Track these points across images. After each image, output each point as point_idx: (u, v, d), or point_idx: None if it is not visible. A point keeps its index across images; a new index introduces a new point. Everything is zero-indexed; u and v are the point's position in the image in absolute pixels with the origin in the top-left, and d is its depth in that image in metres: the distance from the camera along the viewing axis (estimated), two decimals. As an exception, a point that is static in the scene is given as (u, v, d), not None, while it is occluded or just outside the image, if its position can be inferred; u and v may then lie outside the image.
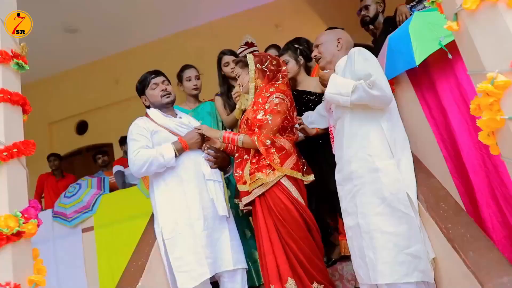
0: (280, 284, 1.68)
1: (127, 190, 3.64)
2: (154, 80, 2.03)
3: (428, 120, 1.84)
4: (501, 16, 0.96)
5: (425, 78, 1.84)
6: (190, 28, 6.06)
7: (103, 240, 3.46)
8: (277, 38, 6.18)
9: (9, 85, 1.31)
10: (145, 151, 1.87)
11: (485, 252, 1.10)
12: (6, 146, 1.21)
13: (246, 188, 1.81)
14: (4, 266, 1.12)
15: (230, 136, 1.85)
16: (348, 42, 1.78)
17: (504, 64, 0.96)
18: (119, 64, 6.05)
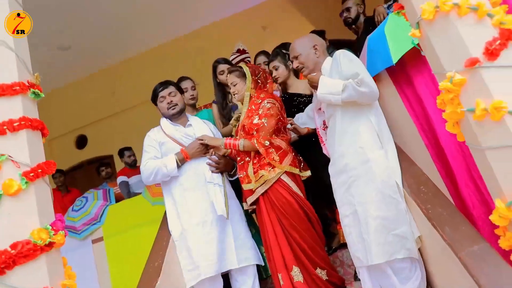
0: (286, 272, 1.86)
1: (132, 199, 3.75)
2: (161, 93, 2.20)
3: (408, 112, 2.00)
4: (453, 24, 1.13)
5: (403, 74, 2.00)
6: (181, 35, 6.18)
7: (114, 249, 3.57)
8: (265, 40, 6.35)
9: (29, 112, 1.46)
10: (152, 162, 2.08)
11: (459, 227, 1.27)
12: (31, 167, 1.36)
13: (251, 186, 1.96)
14: (40, 274, 1.27)
15: (231, 142, 2.01)
16: (322, 45, 1.93)
17: (459, 65, 1.12)
18: (114, 76, 6.15)
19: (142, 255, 3.27)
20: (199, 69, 6.09)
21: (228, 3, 5.91)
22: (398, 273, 1.59)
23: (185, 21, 5.88)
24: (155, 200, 3.68)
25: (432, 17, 1.16)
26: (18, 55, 1.53)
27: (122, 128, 6.17)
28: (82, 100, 6.15)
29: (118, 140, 5.88)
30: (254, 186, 1.95)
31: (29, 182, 1.33)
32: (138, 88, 6.23)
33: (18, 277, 1.23)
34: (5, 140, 1.36)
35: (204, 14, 5.90)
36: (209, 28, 6.18)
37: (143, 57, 6.18)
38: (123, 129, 6.16)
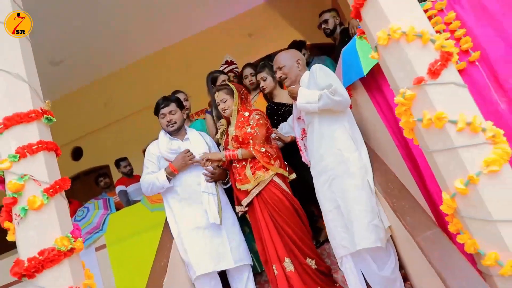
0: (279, 263, 2.09)
1: (132, 207, 3.91)
2: (162, 110, 2.39)
3: (380, 117, 2.23)
4: (403, 49, 1.36)
5: (374, 83, 2.23)
6: (170, 45, 6.34)
7: (117, 256, 3.73)
8: (251, 46, 6.57)
9: (44, 136, 1.66)
10: (148, 177, 2.30)
11: (417, 216, 1.50)
12: (50, 184, 1.56)
13: (249, 186, 2.19)
14: (64, 276, 1.47)
15: (231, 153, 2.25)
16: (303, 60, 2.17)
17: (409, 83, 1.36)
18: (106, 88, 6.29)
19: (144, 259, 3.47)
20: (189, 77, 6.31)
21: (215, 12, 6.10)
22: (376, 259, 1.82)
23: (173, 31, 6.06)
24: (153, 206, 3.86)
25: (386, 43, 1.39)
26: (30, 85, 1.72)
27: (116, 138, 6.33)
28: (75, 113, 6.28)
29: (113, 150, 6.05)
30: (252, 185, 2.18)
31: (50, 197, 1.53)
32: (130, 98, 6.42)
33: (46, 279, 1.43)
34: (26, 162, 1.56)
35: (192, 23, 6.08)
36: (197, 37, 6.36)
37: (134, 67, 6.32)
38: (118, 139, 6.32)
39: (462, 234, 1.34)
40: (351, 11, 1.54)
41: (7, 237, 1.55)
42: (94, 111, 6.41)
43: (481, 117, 1.32)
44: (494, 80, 1.92)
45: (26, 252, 1.46)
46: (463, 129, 1.27)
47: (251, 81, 3.04)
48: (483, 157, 1.25)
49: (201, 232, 2.21)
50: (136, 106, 6.46)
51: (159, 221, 3.59)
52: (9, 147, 1.57)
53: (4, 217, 1.52)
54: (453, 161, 1.29)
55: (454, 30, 1.96)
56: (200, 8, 5.72)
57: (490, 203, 1.23)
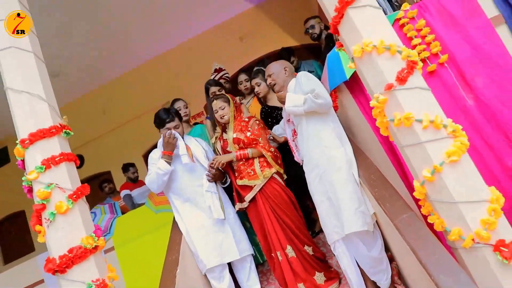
0: (282, 250, 2.35)
1: (137, 210, 4.07)
2: (168, 125, 2.55)
3: (364, 115, 2.47)
4: (374, 60, 1.59)
5: (356, 85, 2.46)
6: (164, 52, 6.53)
7: (125, 257, 3.91)
8: (243, 49, 6.77)
9: (64, 148, 1.87)
10: (151, 174, 2.46)
11: (395, 203, 1.72)
12: (73, 191, 1.77)
13: (258, 181, 2.44)
14: (91, 270, 1.68)
15: (241, 153, 2.48)
16: (291, 68, 2.40)
17: (381, 88, 1.58)
18: (104, 96, 6.46)
19: (152, 258, 3.68)
20: (183, 82, 6.51)
21: (206, 18, 6.28)
22: (365, 242, 2.04)
23: (167, 38, 6.24)
24: (158, 208, 4.06)
25: (360, 55, 1.62)
26: (49, 104, 1.93)
27: (115, 145, 6.51)
28: (75, 122, 6.42)
29: (114, 156, 6.24)
30: (261, 181, 2.43)
31: (74, 202, 1.74)
32: (128, 105, 6.60)
33: (76, 274, 1.65)
34: (51, 172, 1.77)
35: (185, 30, 6.26)
36: (190, 43, 6.54)
37: (130, 75, 6.50)
38: (117, 145, 6.50)
39: (432, 215, 1.57)
40: (330, 27, 1.77)
41: (38, 239, 1.76)
42: (94, 119, 6.57)
43: (443, 116, 1.54)
44: (462, 79, 2.15)
45: (56, 250, 1.67)
46: (428, 126, 1.50)
47: (245, 86, 3.25)
48: (445, 149, 1.48)
49: (207, 229, 2.43)
50: (134, 113, 6.65)
51: (163, 222, 3.80)
52: (35, 160, 1.78)
53: (35, 221, 1.73)
54: (421, 154, 1.52)
55: (424, 35, 2.20)
56: (192, 15, 5.90)
57: (453, 187, 1.46)
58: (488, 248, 1.41)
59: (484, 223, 1.42)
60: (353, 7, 1.63)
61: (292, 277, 2.30)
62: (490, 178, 2.07)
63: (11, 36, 1.93)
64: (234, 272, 2.53)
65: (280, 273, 2.37)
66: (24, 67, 1.92)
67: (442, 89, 2.18)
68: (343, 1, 1.62)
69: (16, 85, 1.87)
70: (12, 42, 1.92)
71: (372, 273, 2.07)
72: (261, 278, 2.65)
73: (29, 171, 1.76)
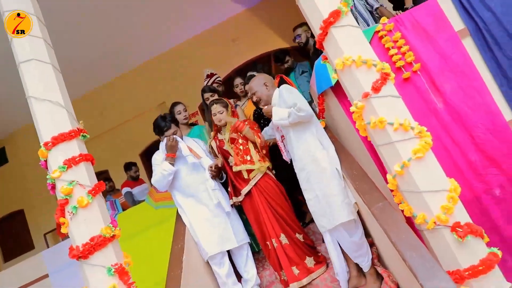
0: (277, 238, 2.63)
1: (138, 207, 4.26)
2: (167, 132, 2.78)
3: (348, 116, 2.73)
4: (353, 72, 1.86)
5: (341, 90, 2.67)
6: (159, 54, 6.71)
7: (128, 252, 4.16)
8: (235, 51, 7.01)
9: (82, 150, 2.10)
10: (157, 175, 2.71)
11: (373, 193, 2.00)
12: (92, 187, 2.01)
13: (254, 167, 2.71)
14: (110, 256, 1.93)
15: (241, 124, 2.75)
16: (271, 81, 2.66)
17: (359, 96, 1.86)
18: (101, 97, 6.64)
19: (154, 251, 3.92)
20: (178, 84, 6.73)
21: (199, 21, 6.49)
22: (348, 230, 2.33)
23: (161, 41, 6.43)
24: (157, 204, 4.28)
25: (342, 67, 1.89)
26: (67, 110, 2.16)
27: (112, 145, 6.70)
28: (73, 123, 6.62)
29: (111, 156, 6.44)
30: (257, 167, 2.71)
31: (93, 197, 1.99)
32: (124, 106, 6.80)
33: (97, 259, 1.89)
34: (72, 171, 2.00)
35: (179, 32, 6.46)
36: (184, 45, 6.75)
37: (126, 77, 6.68)
38: (114, 146, 6.70)
39: (403, 203, 1.86)
40: (316, 42, 2.04)
41: (61, 230, 1.99)
42: (91, 120, 6.72)
43: (411, 119, 1.82)
44: (432, 86, 2.45)
45: (79, 239, 1.91)
46: (398, 128, 1.78)
47: (241, 89, 3.52)
48: (412, 147, 1.76)
49: (208, 221, 2.69)
50: (131, 113, 6.85)
51: (163, 217, 4.04)
52: (57, 160, 2.01)
53: (59, 214, 1.97)
54: (392, 151, 1.80)
55: (400, 46, 2.48)
56: (185, 18, 6.11)
57: (418, 179, 1.74)
58: (446, 229, 1.70)
59: (444, 209, 1.70)
60: (336, 26, 1.90)
61: (287, 261, 2.59)
62: (456, 170, 2.37)
63: (32, 50, 2.15)
64: (233, 259, 2.80)
65: (275, 259, 2.65)
66: (44, 77, 2.14)
67: (415, 94, 2.47)
68: (327, 21, 1.89)
69: (38, 94, 2.08)
70: (32, 55, 2.13)
71: (354, 256, 2.35)
72: (257, 264, 2.92)
73: (52, 170, 1.99)
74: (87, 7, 4.63)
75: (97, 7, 4.73)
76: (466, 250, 1.69)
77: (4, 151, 6.98)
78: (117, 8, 4.93)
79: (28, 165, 6.76)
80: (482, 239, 1.74)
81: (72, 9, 4.45)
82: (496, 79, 2.42)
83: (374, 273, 2.35)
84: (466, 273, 1.66)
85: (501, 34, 2.41)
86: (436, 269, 1.47)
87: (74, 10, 4.51)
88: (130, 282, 1.96)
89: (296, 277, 2.56)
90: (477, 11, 2.44)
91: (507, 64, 2.39)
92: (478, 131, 2.36)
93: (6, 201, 6.90)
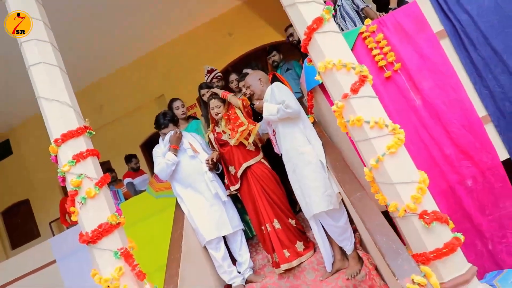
0: (270, 223, 2.86)
1: (139, 196, 4.49)
2: (164, 130, 3.07)
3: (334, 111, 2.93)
4: (334, 74, 2.04)
5: (328, 87, 2.92)
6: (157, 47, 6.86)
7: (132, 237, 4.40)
8: (232, 44, 7.14)
9: (89, 145, 2.29)
10: (161, 164, 2.94)
11: (352, 184, 2.21)
12: (98, 179, 2.22)
13: (244, 127, 2.93)
14: (116, 241, 2.14)
15: (226, 93, 3.07)
16: (265, 77, 2.86)
17: (339, 97, 2.05)
18: (102, 90, 6.81)
19: (155, 238, 4.15)
20: (175, 77, 6.88)
21: (195, 14, 6.61)
22: (332, 217, 2.55)
23: (159, 35, 6.56)
24: (158, 194, 4.48)
25: (324, 70, 2.07)
26: (74, 109, 2.36)
27: (112, 138, 6.89)
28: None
29: (112, 148, 6.64)
30: (244, 127, 2.92)
31: (100, 188, 2.19)
32: (124, 99, 6.97)
33: (104, 244, 2.10)
34: (80, 165, 2.20)
35: (176, 26, 6.59)
36: (181, 38, 6.89)
37: (125, 71, 6.85)
38: (113, 138, 6.89)
39: (378, 193, 2.06)
40: (301, 46, 2.22)
41: (72, 217, 2.21)
42: (92, 113, 6.91)
43: (386, 118, 2.01)
44: (412, 84, 2.64)
45: (88, 226, 2.12)
46: (374, 126, 1.97)
47: (236, 85, 3.70)
48: (386, 143, 1.96)
49: (205, 209, 2.91)
50: (130, 106, 7.03)
51: (163, 206, 4.25)
52: (67, 155, 2.20)
53: (70, 204, 2.18)
54: (369, 147, 1.99)
55: (382, 47, 2.66)
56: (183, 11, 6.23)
57: (391, 172, 1.94)
58: (415, 216, 1.90)
59: (413, 198, 1.91)
60: (318, 32, 2.07)
61: (279, 244, 2.83)
62: (432, 163, 2.58)
63: (40, 53, 2.33)
64: (228, 244, 3.03)
65: (268, 242, 2.89)
66: (52, 79, 2.32)
67: (396, 91, 2.66)
68: (311, 27, 2.07)
69: (47, 95, 2.27)
70: (41, 58, 2.31)
71: (339, 240, 2.58)
72: (250, 249, 3.16)
73: (62, 165, 2.19)
74: (85, 1, 4.76)
75: (94, 2, 4.86)
76: (432, 235, 1.90)
77: (9, 143, 7.19)
78: (114, 3, 5.06)
79: (31, 157, 6.98)
80: (448, 225, 1.95)
81: (70, 3, 4.56)
82: (471, 77, 2.60)
83: (356, 256, 2.57)
84: (431, 255, 1.88)
85: (477, 35, 2.58)
86: (401, 251, 1.68)
87: (72, 5, 4.63)
88: (134, 264, 2.17)
89: (287, 259, 2.80)
90: (455, 13, 2.61)
91: (481, 63, 2.58)
92: (453, 126, 2.56)
93: (12, 191, 7.14)
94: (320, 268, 2.71)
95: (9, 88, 5.72)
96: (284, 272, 2.79)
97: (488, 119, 2.58)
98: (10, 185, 7.13)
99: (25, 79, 2.29)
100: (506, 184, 2.53)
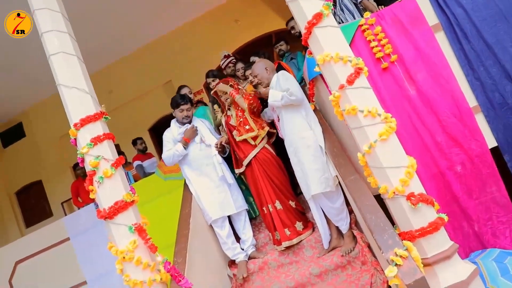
0: (272, 204, 3.08)
1: (148, 178, 4.72)
2: (181, 107, 3.22)
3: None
4: (332, 66, 2.20)
5: (329, 77, 3.07)
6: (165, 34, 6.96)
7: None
8: (238, 31, 7.24)
9: (105, 129, 2.49)
10: (169, 152, 3.16)
11: (347, 167, 2.39)
12: (114, 161, 2.42)
13: (254, 134, 3.14)
14: (130, 217, 2.36)
15: (234, 92, 3.24)
16: (271, 66, 3.02)
17: (336, 87, 2.21)
18: (109, 76, 6.99)
19: (163, 217, 4.38)
20: (183, 63, 7.03)
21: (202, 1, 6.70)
22: (329, 198, 2.75)
23: (168, 20, 6.67)
24: (166, 176, 4.70)
25: (322, 62, 2.23)
26: (91, 96, 2.55)
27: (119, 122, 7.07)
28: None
29: (122, 132, 6.82)
30: (256, 133, 3.14)
31: (115, 169, 2.40)
32: (132, 84, 7.14)
33: (120, 219, 2.30)
34: (97, 147, 2.39)
35: (183, 12, 6.68)
36: (189, 25, 7.00)
37: (134, 56, 7.00)
38: (121, 123, 7.08)
39: (371, 177, 2.25)
40: (302, 39, 2.37)
41: (90, 195, 2.42)
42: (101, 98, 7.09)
43: (379, 107, 2.17)
44: (407, 74, 2.79)
45: (106, 203, 2.33)
46: (367, 115, 2.14)
47: (242, 74, 3.87)
48: (378, 131, 2.13)
49: (211, 190, 3.13)
50: (138, 91, 7.20)
51: (171, 187, 4.48)
52: (85, 138, 2.40)
53: (89, 183, 2.39)
54: (362, 134, 2.17)
55: (380, 39, 2.80)
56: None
57: (382, 157, 2.12)
58: (403, 198, 2.09)
59: (401, 181, 2.09)
60: (318, 27, 2.22)
61: (280, 223, 3.06)
62: (424, 149, 2.75)
63: (59, 43, 2.51)
64: (233, 223, 3.26)
65: (270, 222, 3.12)
66: (71, 67, 2.50)
67: (392, 81, 2.81)
68: (311, 22, 2.22)
69: (67, 82, 2.46)
70: (60, 48, 2.49)
71: (335, 220, 2.79)
72: (253, 228, 3.38)
73: (81, 147, 2.40)
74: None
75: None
76: (417, 214, 2.08)
77: (22, 126, 7.44)
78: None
79: (43, 139, 7.23)
80: (433, 206, 2.14)
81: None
82: (463, 69, 2.74)
83: (351, 235, 2.78)
84: (417, 233, 2.07)
85: (470, 28, 2.71)
86: (387, 228, 1.88)
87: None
88: (147, 238, 2.39)
89: (288, 237, 3.02)
90: (450, 7, 2.73)
91: (473, 56, 2.71)
92: (444, 115, 2.71)
93: (25, 173, 7.43)
94: (317, 246, 2.93)
95: (21, 72, 5.91)
96: (284, 249, 3.02)
97: (479, 109, 2.73)
98: (23, 166, 7.41)
99: (37, 63, 2.43)
100: (493, 171, 2.70)
